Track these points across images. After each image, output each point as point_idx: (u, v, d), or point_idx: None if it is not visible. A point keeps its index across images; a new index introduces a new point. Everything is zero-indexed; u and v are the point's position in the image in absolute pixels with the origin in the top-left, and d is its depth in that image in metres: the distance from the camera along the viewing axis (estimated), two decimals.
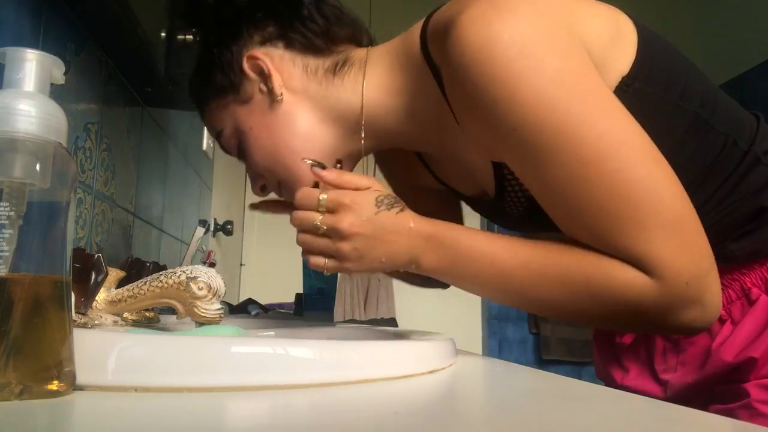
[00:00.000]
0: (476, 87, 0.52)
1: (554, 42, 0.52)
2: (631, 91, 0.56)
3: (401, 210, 0.59)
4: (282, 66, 0.68)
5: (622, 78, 0.56)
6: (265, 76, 0.68)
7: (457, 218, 0.88)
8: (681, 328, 0.53)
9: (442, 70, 0.58)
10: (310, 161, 0.64)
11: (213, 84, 0.71)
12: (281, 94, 0.68)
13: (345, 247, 0.59)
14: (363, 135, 0.68)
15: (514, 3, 0.52)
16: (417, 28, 0.63)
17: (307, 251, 0.62)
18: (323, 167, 0.63)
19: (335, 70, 0.68)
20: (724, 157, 0.60)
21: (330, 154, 0.69)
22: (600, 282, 0.52)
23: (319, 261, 0.61)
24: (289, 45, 0.68)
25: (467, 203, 0.82)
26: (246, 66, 0.68)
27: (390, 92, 0.66)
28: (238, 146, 0.72)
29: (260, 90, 0.69)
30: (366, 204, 0.59)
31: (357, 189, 0.60)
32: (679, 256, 0.50)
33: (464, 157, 0.68)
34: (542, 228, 0.67)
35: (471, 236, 0.58)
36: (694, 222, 0.51)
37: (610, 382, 0.75)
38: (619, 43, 0.57)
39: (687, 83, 0.59)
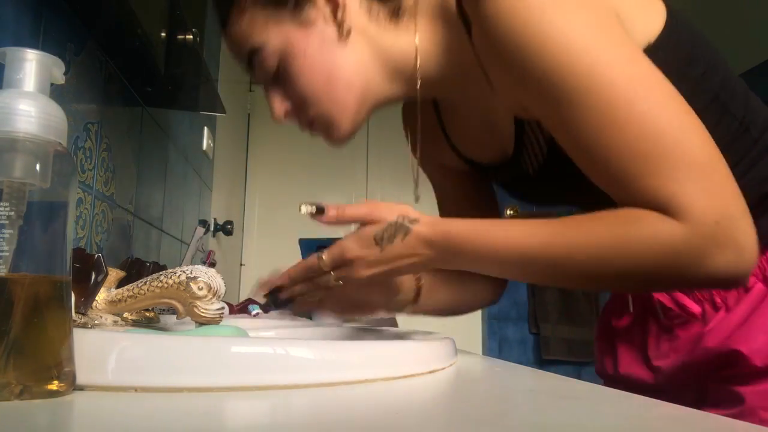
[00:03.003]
0: (508, 34, 0.54)
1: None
2: (655, 60, 0.57)
3: (405, 235, 0.59)
4: (350, 1, 0.66)
5: (648, 44, 0.57)
6: (335, 6, 0.66)
7: (488, 200, 0.87)
8: (719, 274, 0.50)
9: (473, 21, 0.60)
10: (308, 208, 0.62)
11: None
12: (349, 30, 0.66)
13: (367, 279, 0.62)
14: (419, 83, 0.68)
15: None
16: None
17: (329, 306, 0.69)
18: (322, 210, 0.63)
19: (392, 16, 0.68)
20: (735, 142, 0.61)
21: (372, 96, 0.70)
22: (628, 236, 0.51)
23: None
24: None
25: (482, 174, 0.82)
26: None
27: (432, 43, 0.67)
28: (277, 68, 0.68)
29: (325, 18, 0.66)
30: (368, 249, 0.60)
31: (361, 220, 0.62)
32: (707, 197, 0.49)
33: (489, 113, 0.68)
34: (554, 189, 0.69)
35: (485, 231, 0.57)
36: (722, 166, 0.50)
37: (603, 374, 0.75)
38: (646, 11, 0.59)
39: (709, 63, 0.61)
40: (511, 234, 0.56)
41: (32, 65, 0.32)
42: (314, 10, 0.66)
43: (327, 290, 0.65)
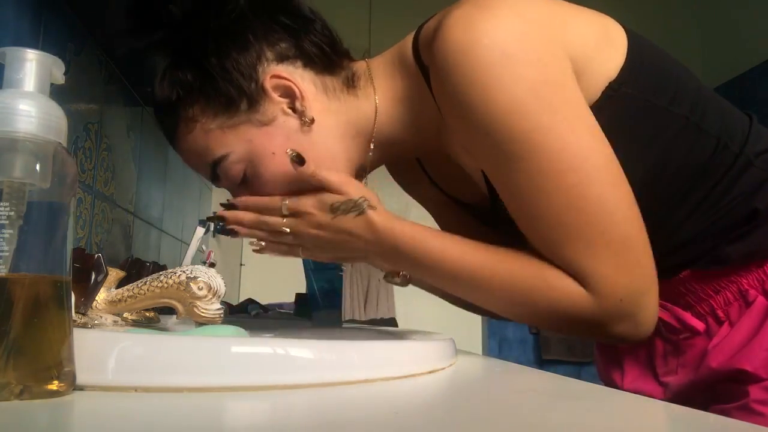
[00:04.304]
0: (456, 90, 0.55)
1: (533, 50, 0.54)
2: (619, 96, 0.57)
3: (358, 214, 0.61)
4: (305, 87, 0.64)
5: (610, 83, 0.57)
6: (292, 98, 0.64)
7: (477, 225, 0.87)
8: (613, 338, 0.56)
9: (430, 71, 0.59)
10: (292, 153, 0.63)
11: (215, 101, 0.63)
12: (312, 118, 0.63)
13: (306, 244, 0.65)
14: (372, 147, 0.67)
15: (498, 6, 0.54)
16: (411, 36, 0.65)
17: (270, 246, 0.67)
18: (302, 161, 0.63)
19: (348, 85, 0.67)
20: (715, 160, 0.60)
21: (352, 170, 0.68)
22: (539, 290, 0.55)
23: (281, 248, 0.67)
24: (309, 63, 0.65)
25: (469, 212, 0.82)
26: (268, 85, 0.63)
27: (395, 101, 0.66)
28: (244, 173, 0.65)
29: (284, 112, 0.64)
30: (321, 211, 0.62)
31: (327, 189, 0.62)
32: (617, 274, 0.53)
33: (459, 162, 0.68)
34: None
35: (424, 240, 0.60)
36: (641, 244, 0.54)
37: (611, 385, 0.75)
38: (606, 48, 0.58)
39: (677, 87, 0.60)
40: (447, 250, 0.59)
41: (32, 65, 0.32)
42: (271, 106, 0.63)
43: (275, 234, 0.65)
